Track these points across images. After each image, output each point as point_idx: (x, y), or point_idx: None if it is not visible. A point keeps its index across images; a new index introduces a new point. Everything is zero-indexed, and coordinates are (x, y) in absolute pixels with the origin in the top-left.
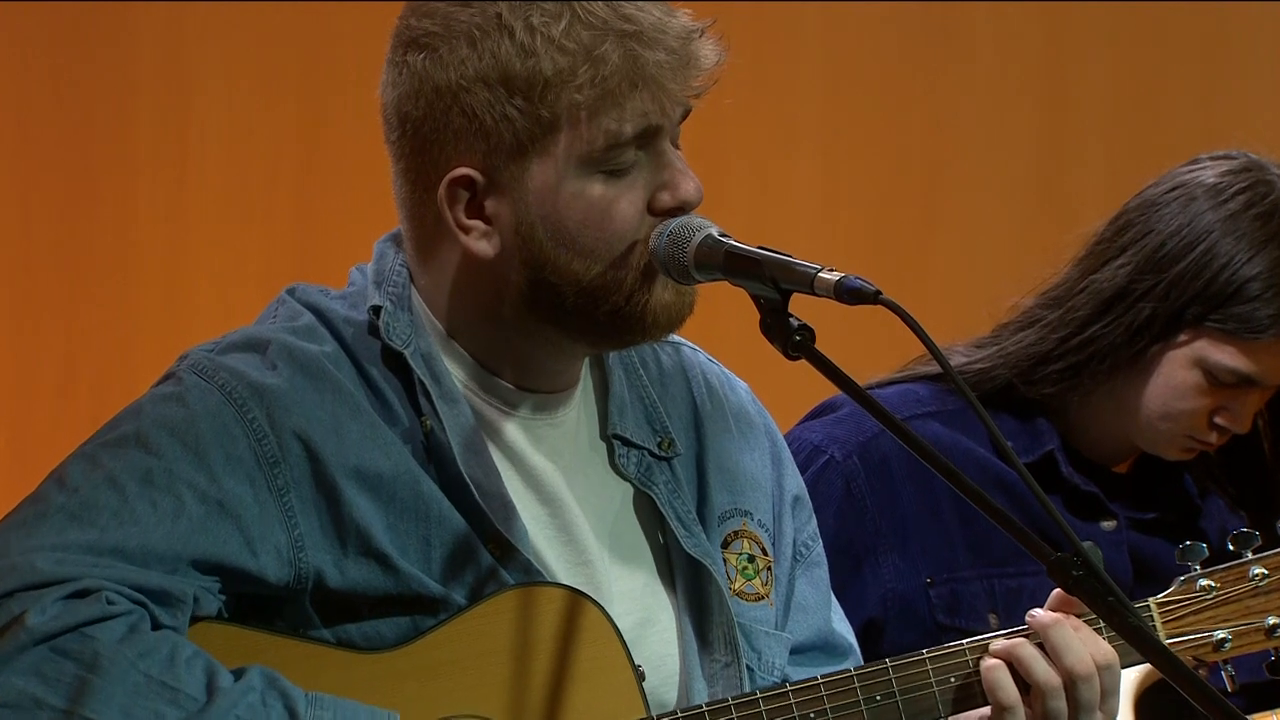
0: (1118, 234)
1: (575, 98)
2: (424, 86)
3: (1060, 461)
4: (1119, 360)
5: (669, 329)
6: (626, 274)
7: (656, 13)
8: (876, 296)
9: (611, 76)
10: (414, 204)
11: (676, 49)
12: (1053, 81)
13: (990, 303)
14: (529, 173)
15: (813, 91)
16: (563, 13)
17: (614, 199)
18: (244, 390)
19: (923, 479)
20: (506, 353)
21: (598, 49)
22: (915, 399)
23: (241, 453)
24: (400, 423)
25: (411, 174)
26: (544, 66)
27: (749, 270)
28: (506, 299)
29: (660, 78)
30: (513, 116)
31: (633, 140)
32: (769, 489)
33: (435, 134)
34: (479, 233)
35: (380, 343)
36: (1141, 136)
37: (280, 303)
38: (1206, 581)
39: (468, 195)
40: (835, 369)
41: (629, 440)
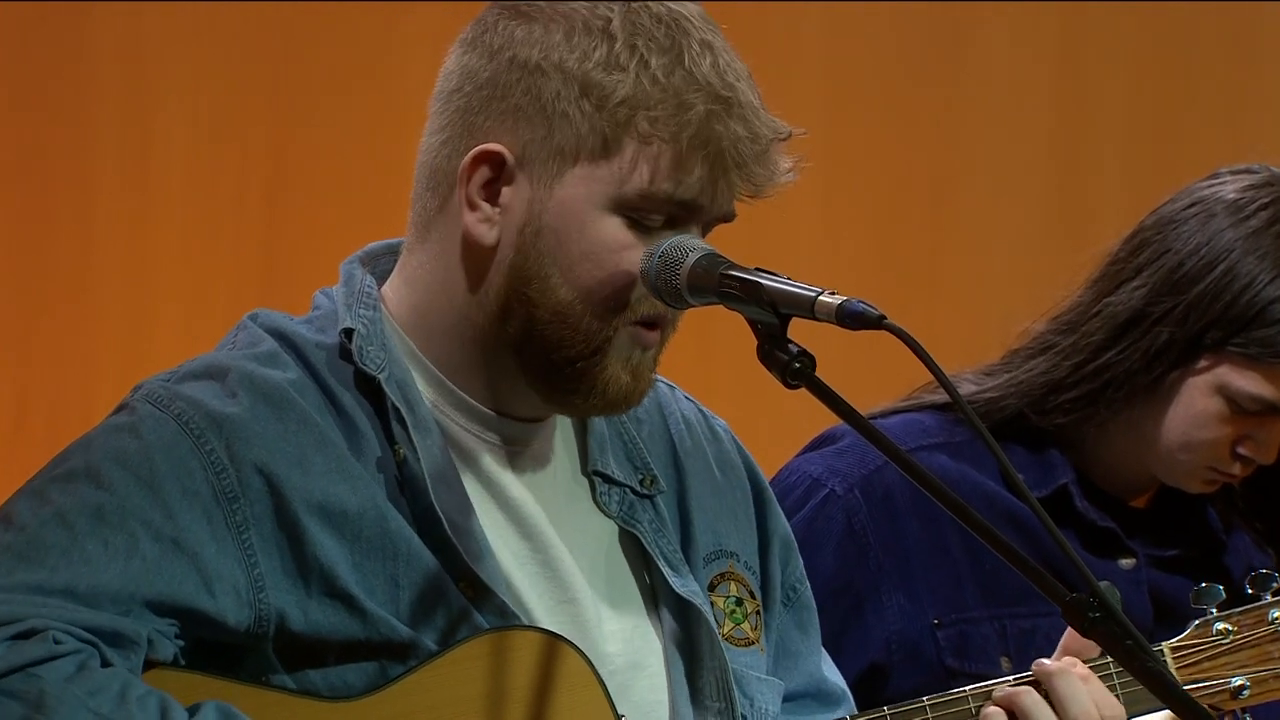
0: (1134, 253)
1: (644, 128)
2: (503, 52)
3: (1075, 495)
4: (1136, 388)
5: (611, 408)
6: (602, 329)
7: (754, 98)
8: (880, 321)
9: (688, 126)
10: (434, 168)
11: (758, 138)
12: (1067, 92)
13: (1001, 328)
14: (563, 179)
15: (812, 102)
16: (670, 49)
17: (626, 246)
18: (201, 420)
19: (929, 514)
20: (477, 373)
21: (686, 96)
22: (921, 429)
23: (198, 487)
24: (371, 452)
25: (446, 133)
26: (628, 84)
27: (745, 293)
28: (483, 303)
29: (729, 157)
30: (574, 117)
31: (673, 205)
32: (753, 531)
33: (491, 101)
34: (483, 215)
35: (353, 367)
36: (1162, 150)
37: (240, 328)
38: (1223, 625)
39: (490, 175)
40: (836, 398)
41: (610, 477)
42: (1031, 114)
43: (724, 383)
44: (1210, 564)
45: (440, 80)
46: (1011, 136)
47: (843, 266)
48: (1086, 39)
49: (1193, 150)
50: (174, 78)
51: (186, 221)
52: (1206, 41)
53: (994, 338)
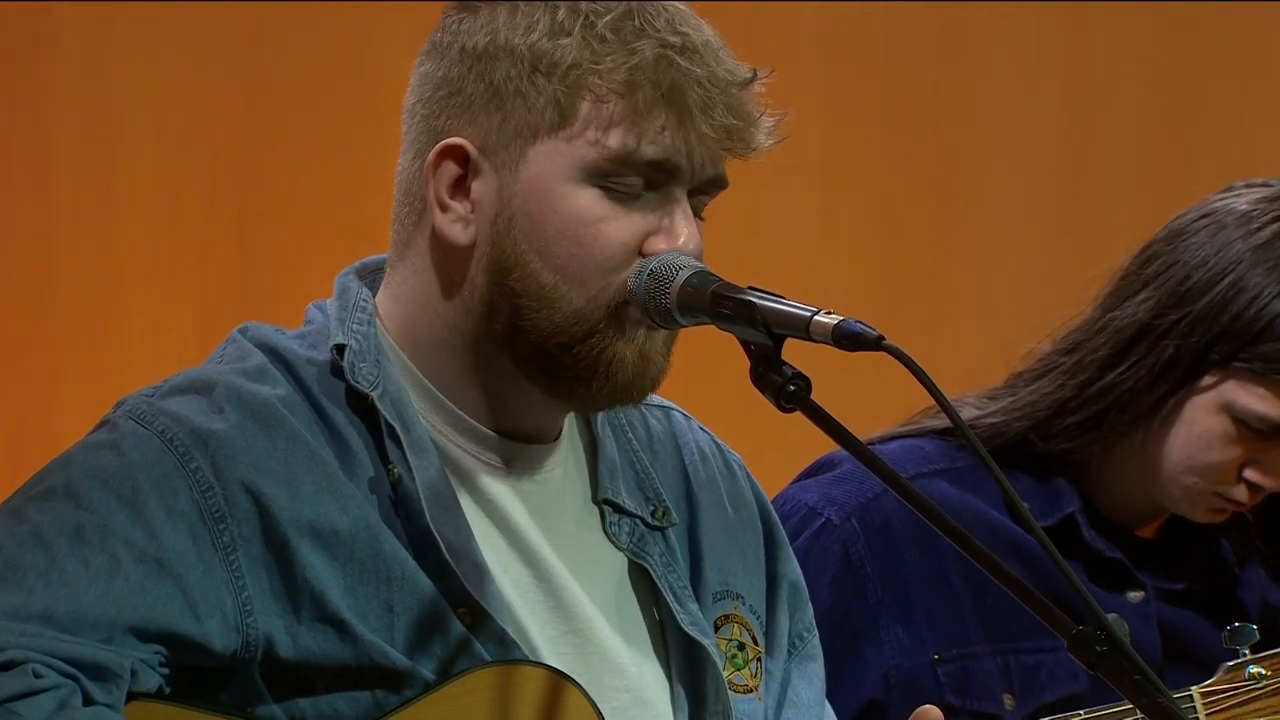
0: (1143, 266)
1: (597, 84)
2: (452, 46)
3: (1082, 525)
4: (1141, 409)
5: (622, 395)
6: (594, 309)
7: (716, 45)
8: (879, 342)
9: (639, 73)
10: (408, 185)
11: (720, 78)
12: (1075, 99)
13: (1006, 349)
14: (526, 159)
15: (810, 113)
16: (616, 7)
17: (604, 218)
18: (186, 437)
19: (929, 544)
20: (474, 387)
21: (635, 44)
22: (921, 456)
23: (183, 506)
24: (364, 472)
25: (414, 146)
26: (575, 49)
27: (738, 313)
28: (469, 306)
29: (692, 102)
30: (528, 93)
31: (645, 166)
32: (761, 573)
33: (448, 100)
34: (455, 215)
35: (345, 384)
36: (1175, 161)
37: (230, 342)
38: (1256, 669)
39: (458, 172)
40: (833, 422)
41: (621, 507)
42: (1038, 122)
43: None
44: (1222, 598)
45: (405, 98)
46: (1017, 146)
47: (840, 285)
48: (1095, 43)
49: (1207, 160)
50: (139, 83)
51: (153, 236)
52: (1220, 46)
53: (999, 359)
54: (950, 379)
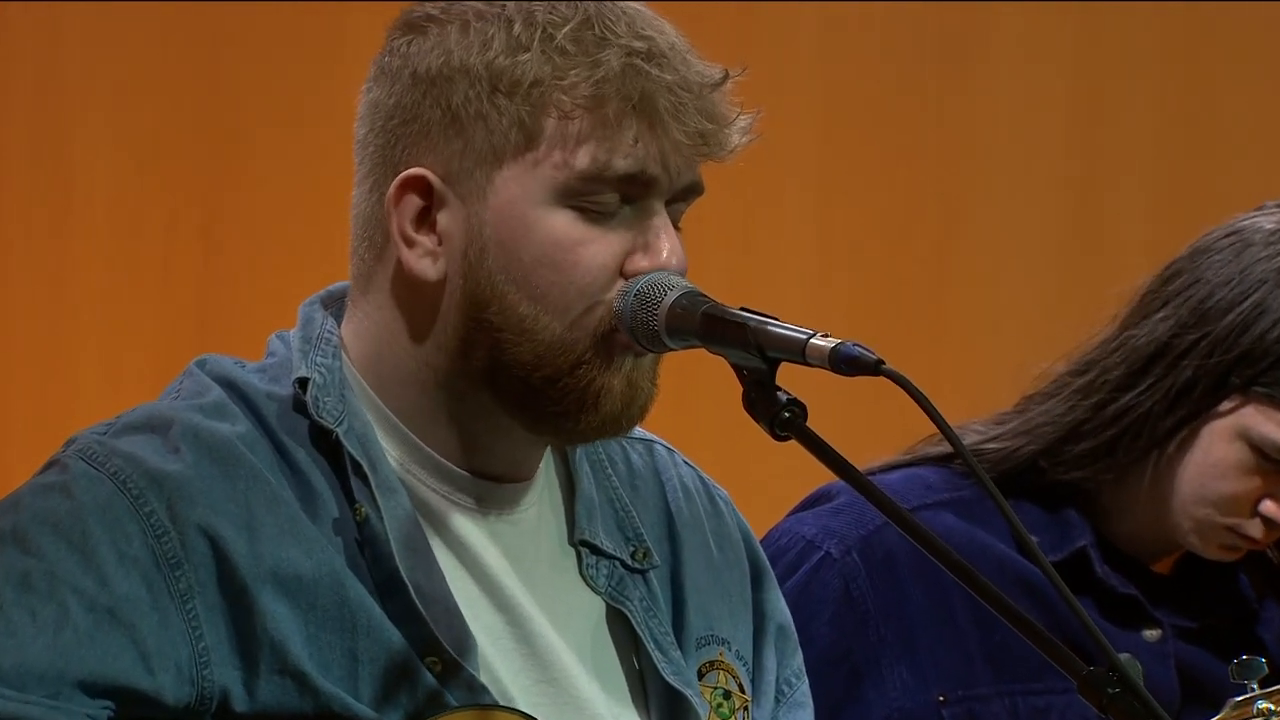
0: (1163, 285)
1: (563, 101)
2: (403, 72)
3: (1094, 560)
4: (1156, 434)
5: (610, 426)
6: (580, 338)
7: (680, 46)
8: (878, 367)
9: (607, 85)
10: (366, 219)
11: (692, 84)
12: (1085, 111)
13: (1015, 372)
14: (494, 185)
15: (806, 121)
16: (574, 16)
17: (582, 241)
18: (140, 479)
19: (933, 579)
20: (445, 425)
21: (598, 54)
22: (924, 486)
23: (137, 552)
24: (329, 512)
25: (370, 179)
26: (536, 64)
27: (730, 336)
28: (442, 343)
29: (664, 110)
30: (490, 115)
31: (619, 181)
32: (748, 617)
33: (403, 127)
34: (423, 250)
35: (308, 420)
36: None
37: (186, 375)
38: (1265, 704)
39: (421, 204)
40: (831, 451)
41: (599, 548)
42: (1047, 131)
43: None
44: (1242, 636)
45: (356, 128)
46: (1024, 156)
47: (837, 305)
48: (1106, 48)
49: (1225, 172)
50: (94, 95)
51: (109, 258)
52: (1239, 49)
53: (1006, 383)
54: (954, 405)
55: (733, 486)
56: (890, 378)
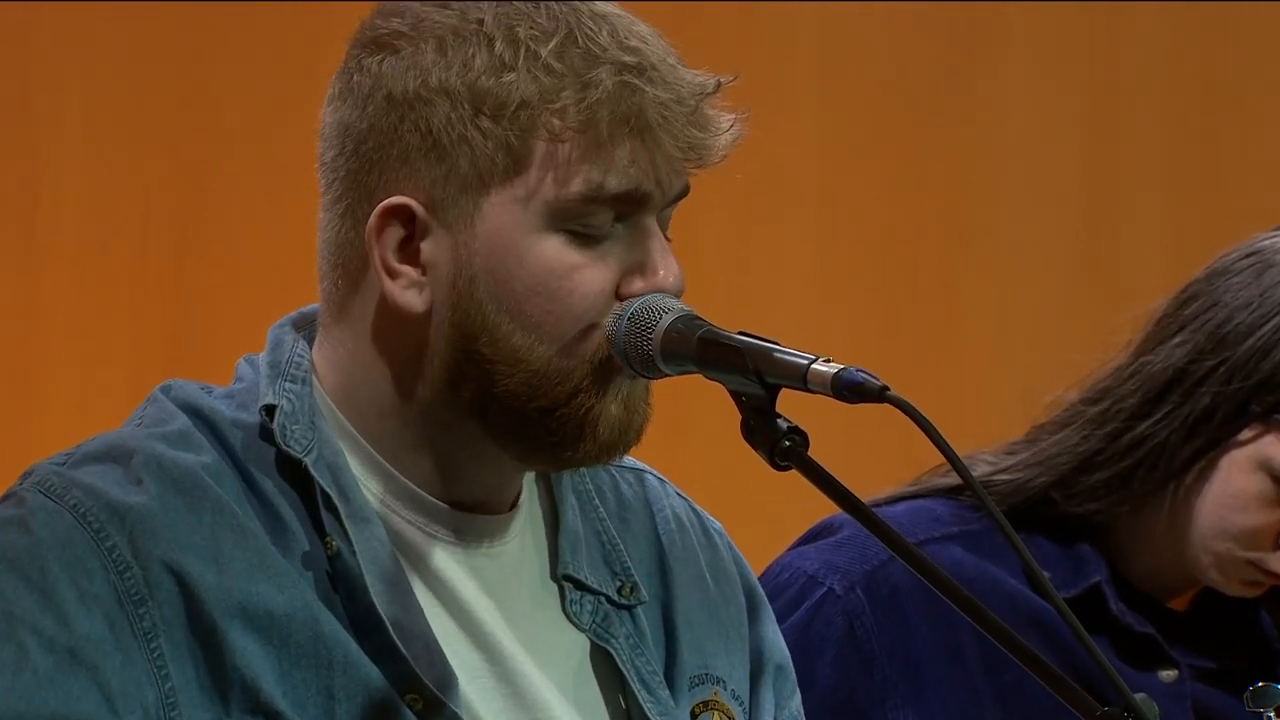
0: (1180, 308)
1: (554, 124)
2: (375, 93)
3: (1109, 596)
4: (1173, 465)
5: (608, 452)
6: (576, 366)
7: (668, 57)
8: (883, 394)
9: (600, 107)
10: (338, 245)
11: (684, 97)
12: (1099, 127)
13: (1025, 400)
14: (481, 212)
15: (805, 138)
16: (557, 30)
17: (576, 267)
18: (101, 512)
19: (941, 616)
20: (425, 455)
21: (590, 73)
22: (931, 518)
23: (98, 589)
24: (299, 546)
25: (342, 204)
26: (522, 84)
27: (728, 361)
28: (427, 374)
29: (659, 126)
30: (475, 139)
31: (613, 200)
32: (745, 654)
33: (379, 152)
34: (408, 281)
35: (275, 449)
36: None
37: (150, 402)
38: None
39: (403, 233)
40: (833, 482)
41: (583, 583)
42: (1058, 148)
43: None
44: (1262, 677)
45: (320, 147)
46: (1035, 175)
47: (840, 329)
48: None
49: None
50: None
51: (79, 280)
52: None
53: (1017, 411)
54: (962, 434)
55: (731, 519)
56: (895, 405)
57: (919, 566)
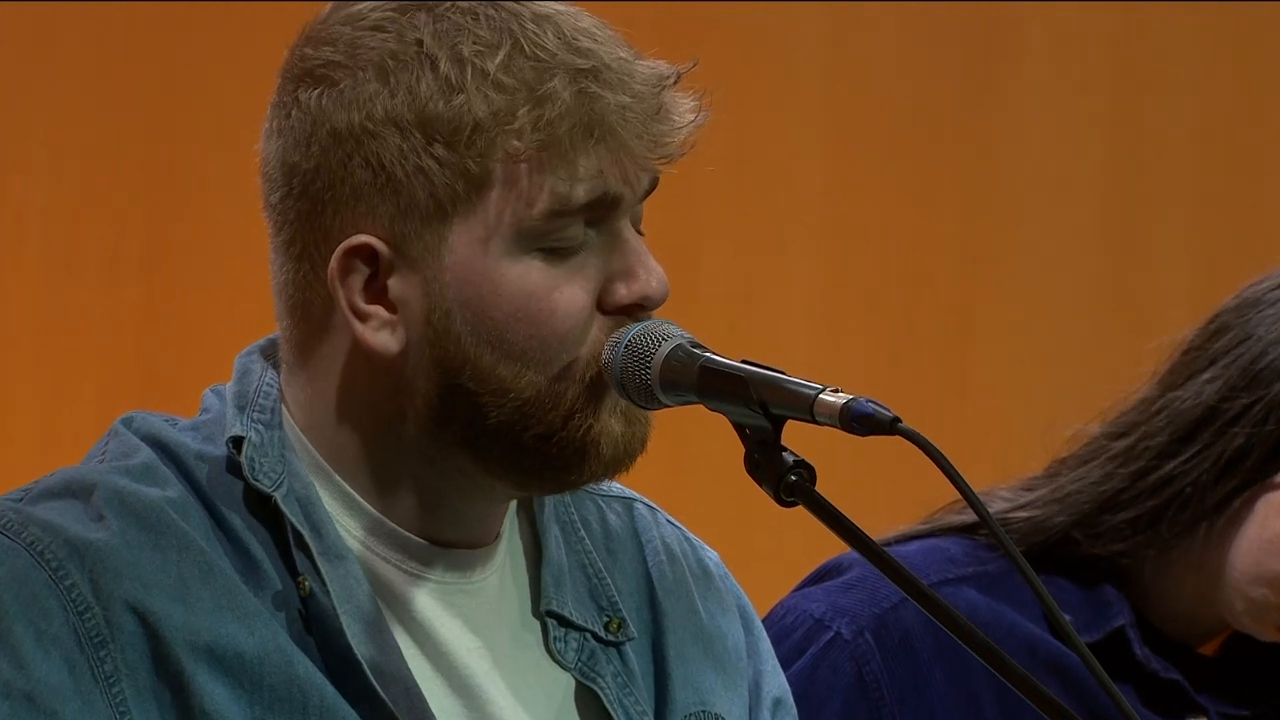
0: (1210, 340)
1: (513, 145)
2: (318, 130)
3: (1133, 641)
4: (1204, 506)
5: (613, 468)
6: (568, 387)
7: (621, 52)
8: (894, 425)
9: (560, 121)
10: (296, 288)
11: (644, 94)
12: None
13: (1044, 433)
14: (447, 243)
15: (812, 157)
16: (501, 42)
17: (554, 286)
18: (60, 549)
19: (956, 662)
20: (406, 491)
21: (544, 85)
22: (945, 558)
23: (57, 630)
24: (270, 585)
25: (296, 247)
26: (474, 106)
27: (731, 391)
28: (410, 414)
29: (622, 129)
30: (431, 169)
31: (583, 209)
32: (743, 689)
33: (330, 192)
34: (379, 322)
35: (243, 483)
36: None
37: (112, 435)
38: None
39: (367, 272)
40: (842, 519)
41: (568, 620)
42: (1080, 168)
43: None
44: None
45: (263, 186)
46: (1055, 195)
47: (849, 358)
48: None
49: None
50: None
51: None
52: None
53: (1035, 445)
54: (977, 468)
55: (734, 557)
56: (907, 437)
57: (933, 609)
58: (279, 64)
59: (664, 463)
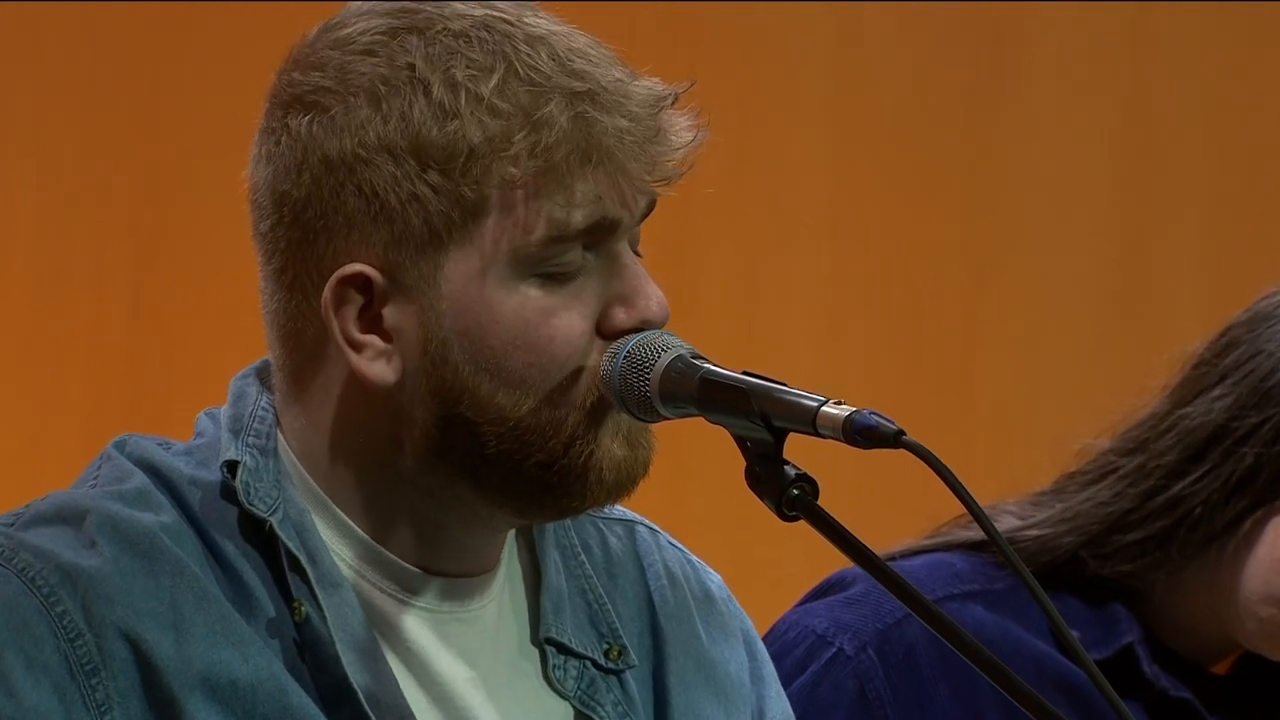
0: (1220, 355)
1: (509, 172)
2: (309, 158)
3: (1142, 658)
4: (1214, 527)
5: (616, 494)
6: (568, 414)
7: (616, 73)
8: (898, 438)
9: (557, 146)
10: (289, 317)
11: (641, 117)
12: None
13: (1053, 446)
14: (443, 271)
15: (816, 163)
16: (495, 65)
17: (553, 312)
18: (52, 576)
19: (961, 679)
20: (404, 521)
21: (540, 110)
22: (951, 574)
23: (48, 658)
24: (264, 612)
25: (288, 276)
26: (469, 132)
27: (732, 403)
28: (407, 444)
29: (620, 153)
30: (425, 196)
31: (581, 234)
32: (746, 716)
33: (322, 220)
34: (374, 351)
35: (238, 509)
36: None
37: (105, 459)
38: None
39: (361, 301)
40: (845, 534)
41: (567, 647)
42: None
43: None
44: None
45: (252, 213)
46: (1064, 204)
47: (853, 369)
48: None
49: None
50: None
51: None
52: None
53: (1043, 458)
54: (984, 482)
55: (734, 572)
56: (912, 450)
57: (938, 625)
58: (270, 74)
59: (664, 477)
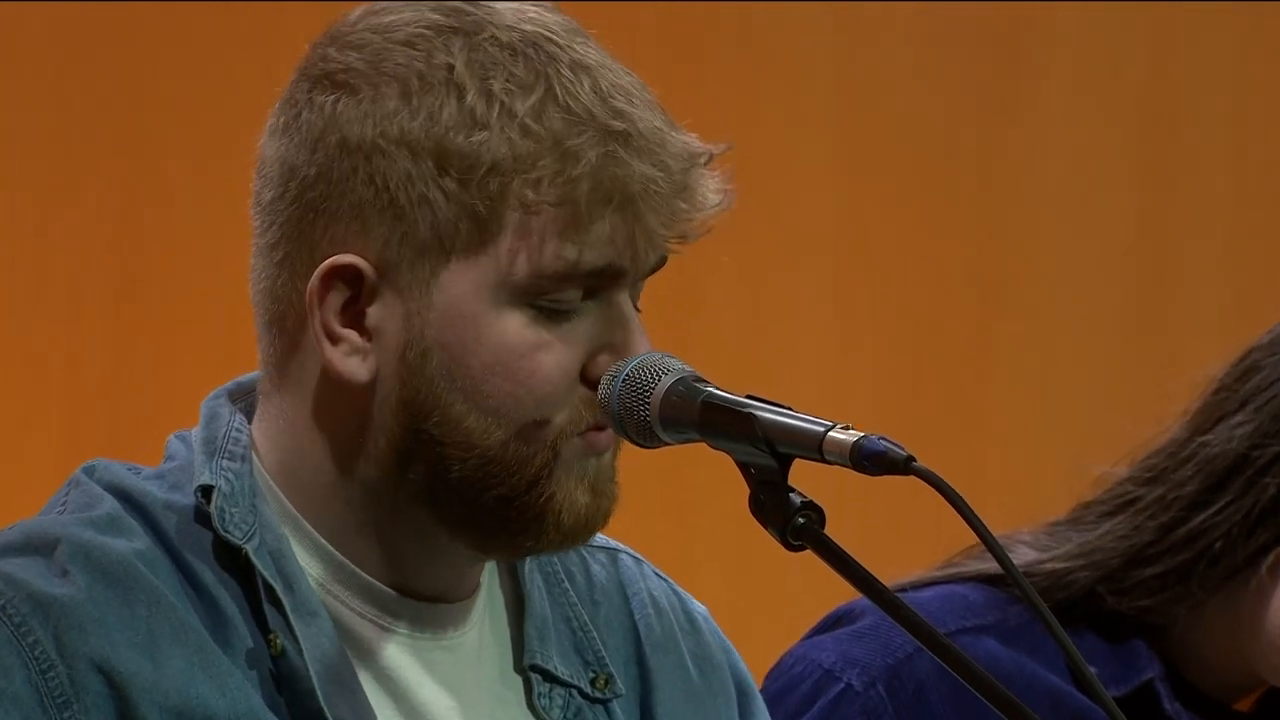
0: (1241, 380)
1: (527, 195)
2: (327, 136)
3: (1162, 695)
4: (1236, 560)
5: (571, 539)
6: (536, 451)
7: (656, 120)
8: (908, 465)
9: (581, 180)
10: (274, 299)
11: (671, 169)
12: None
13: (1068, 473)
14: (438, 280)
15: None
16: (535, 85)
17: (540, 345)
18: (23, 604)
19: (973, 715)
20: (370, 541)
21: (571, 140)
22: (964, 607)
23: (18, 689)
24: (241, 642)
25: (279, 252)
26: (495, 145)
27: (735, 428)
28: (372, 451)
29: (642, 201)
30: (436, 201)
31: (586, 276)
32: None
33: (325, 202)
34: (350, 347)
35: (212, 534)
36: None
37: (73, 485)
38: None
39: (347, 294)
40: (853, 564)
41: (553, 675)
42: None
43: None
44: None
45: (256, 182)
46: (1080, 219)
47: (861, 393)
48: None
49: None
50: None
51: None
52: None
53: (1059, 485)
54: (997, 510)
55: (738, 604)
56: (922, 477)
57: (950, 660)
58: (256, 84)
59: (665, 504)
